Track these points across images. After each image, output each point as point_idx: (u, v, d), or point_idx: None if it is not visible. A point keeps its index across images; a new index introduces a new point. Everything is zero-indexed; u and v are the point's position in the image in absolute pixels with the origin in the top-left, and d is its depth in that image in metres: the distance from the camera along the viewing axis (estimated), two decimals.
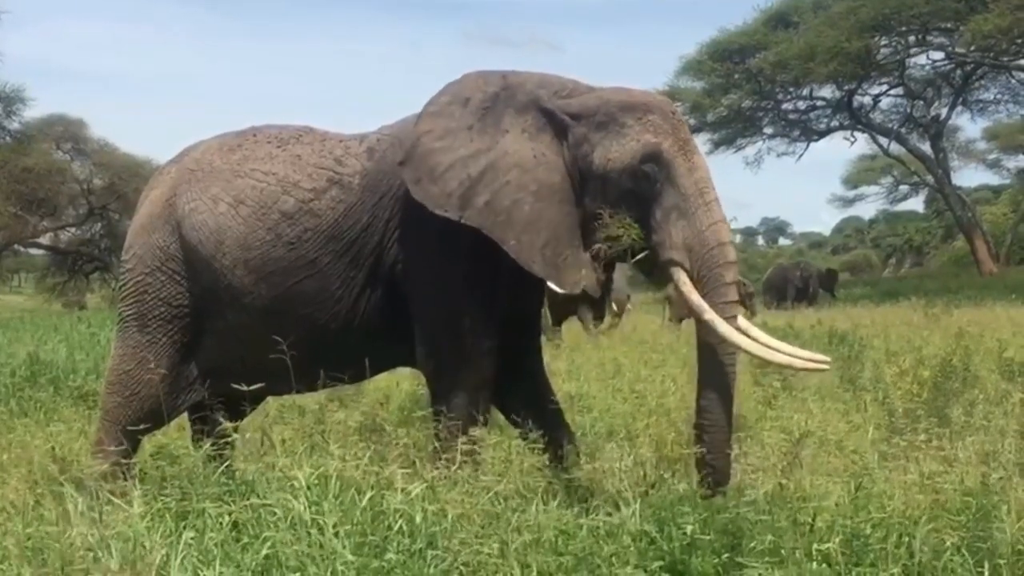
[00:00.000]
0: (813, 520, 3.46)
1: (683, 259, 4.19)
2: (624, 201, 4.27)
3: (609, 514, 3.56)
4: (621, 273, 14.98)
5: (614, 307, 15.71)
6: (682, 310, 12.82)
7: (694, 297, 4.15)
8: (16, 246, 39.33)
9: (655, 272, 4.43)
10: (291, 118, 5.05)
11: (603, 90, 4.52)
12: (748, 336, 4.20)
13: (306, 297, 4.57)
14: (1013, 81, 35.39)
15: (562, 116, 4.40)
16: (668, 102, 4.57)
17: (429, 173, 4.35)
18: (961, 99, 36.37)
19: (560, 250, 4.33)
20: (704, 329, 4.16)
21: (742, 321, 4.31)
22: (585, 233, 4.37)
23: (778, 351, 4.26)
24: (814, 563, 3.25)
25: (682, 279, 4.19)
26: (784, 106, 37.45)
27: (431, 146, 4.38)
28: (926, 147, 36.96)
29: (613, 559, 3.23)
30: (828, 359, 4.35)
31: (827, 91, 36.21)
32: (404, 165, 4.41)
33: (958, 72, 35.15)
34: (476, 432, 4.23)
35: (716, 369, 4.19)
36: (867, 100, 37.26)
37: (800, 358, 4.25)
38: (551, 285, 4.53)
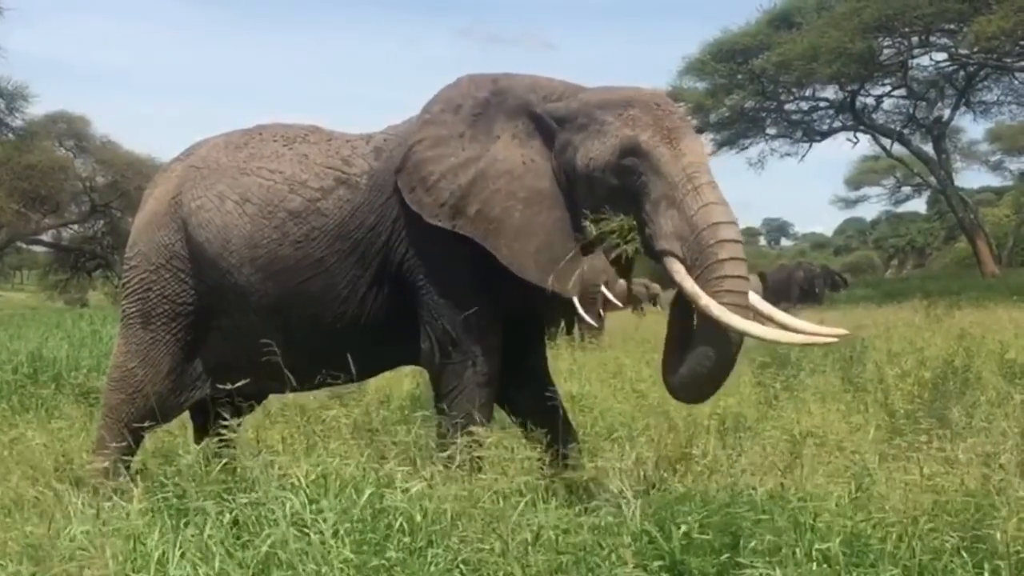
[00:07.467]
0: (813, 520, 3.45)
1: (675, 247, 4.08)
2: (613, 199, 4.23)
3: (610, 513, 3.55)
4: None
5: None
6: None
7: (688, 284, 4.01)
8: (18, 243, 39.38)
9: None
10: (289, 115, 5.06)
11: (587, 91, 4.49)
12: (759, 316, 4.10)
13: (312, 296, 4.57)
14: (1016, 83, 35.26)
15: (549, 121, 4.41)
16: (656, 95, 4.44)
17: (422, 182, 4.39)
18: (964, 100, 36.25)
19: (555, 255, 4.32)
20: (702, 316, 4.01)
21: (755, 299, 4.19)
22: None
23: (795, 330, 4.12)
24: (814, 563, 3.24)
25: (675, 268, 4.07)
26: (787, 107, 37.34)
27: (424, 155, 4.43)
28: (929, 148, 36.89)
29: (613, 558, 3.22)
30: (844, 331, 4.32)
31: (830, 92, 36.13)
32: (399, 173, 4.45)
33: (961, 73, 35.05)
34: (479, 430, 4.23)
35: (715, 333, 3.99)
36: (870, 101, 37.18)
37: (819, 333, 4.14)
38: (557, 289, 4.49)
